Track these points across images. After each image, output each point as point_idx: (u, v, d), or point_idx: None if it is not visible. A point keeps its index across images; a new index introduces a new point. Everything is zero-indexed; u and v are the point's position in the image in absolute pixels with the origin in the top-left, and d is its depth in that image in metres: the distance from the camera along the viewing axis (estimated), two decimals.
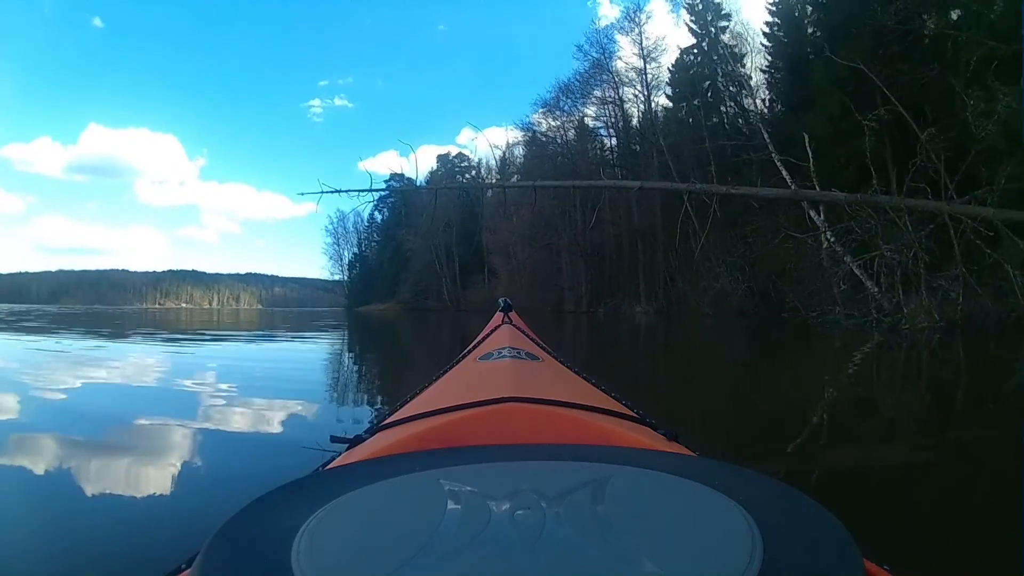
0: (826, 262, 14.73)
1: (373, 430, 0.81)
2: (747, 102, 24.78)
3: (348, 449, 0.76)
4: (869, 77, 12.21)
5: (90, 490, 1.64)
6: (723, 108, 26.43)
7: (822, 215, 14.43)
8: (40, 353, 6.05)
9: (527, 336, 1.56)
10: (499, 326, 1.66)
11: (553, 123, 31.99)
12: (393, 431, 0.75)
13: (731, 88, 26.44)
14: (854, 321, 11.52)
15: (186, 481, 1.73)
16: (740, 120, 25.25)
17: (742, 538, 0.37)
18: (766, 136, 16.42)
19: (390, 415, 0.90)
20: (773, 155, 15.83)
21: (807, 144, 12.57)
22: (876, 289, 11.68)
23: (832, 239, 14.12)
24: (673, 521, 0.41)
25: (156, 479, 1.75)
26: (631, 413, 0.88)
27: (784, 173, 15.11)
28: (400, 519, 0.42)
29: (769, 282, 18.78)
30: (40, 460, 1.92)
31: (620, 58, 29.44)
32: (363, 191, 4.72)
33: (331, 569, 0.36)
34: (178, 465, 1.88)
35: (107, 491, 1.63)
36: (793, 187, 11.46)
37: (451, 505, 0.42)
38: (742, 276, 19.97)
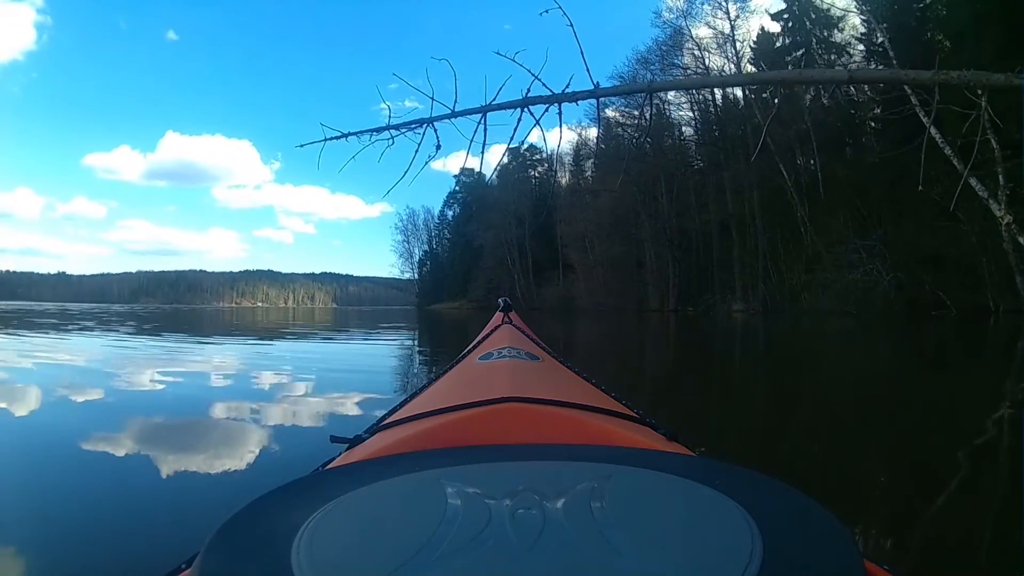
0: (1008, 246, 11.82)
1: (373, 430, 0.82)
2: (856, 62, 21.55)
3: (348, 449, 0.77)
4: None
5: (88, 489, 1.68)
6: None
7: (1002, 178, 11.30)
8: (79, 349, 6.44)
9: (527, 336, 1.57)
10: (499, 326, 1.66)
11: (626, 112, 29.37)
12: (393, 431, 0.76)
13: (830, 56, 23.44)
14: None
15: (186, 480, 1.77)
16: (839, 91, 22.19)
17: (742, 538, 0.38)
18: (908, 88, 13.38)
19: (390, 415, 0.91)
20: (918, 106, 12.70)
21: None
22: None
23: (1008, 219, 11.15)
24: (673, 521, 0.42)
25: (155, 478, 1.79)
26: (631, 413, 0.88)
27: (933, 131, 12.10)
28: (400, 519, 0.44)
29: (919, 272, 15.60)
30: (39, 456, 2.03)
31: (705, 23, 26.80)
32: (379, 130, 3.04)
33: (331, 569, 0.36)
34: (178, 465, 1.93)
35: (106, 490, 1.67)
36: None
37: (451, 505, 0.43)
38: (883, 265, 16.67)
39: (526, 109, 2.53)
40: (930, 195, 14.75)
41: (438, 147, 2.62)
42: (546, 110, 2.55)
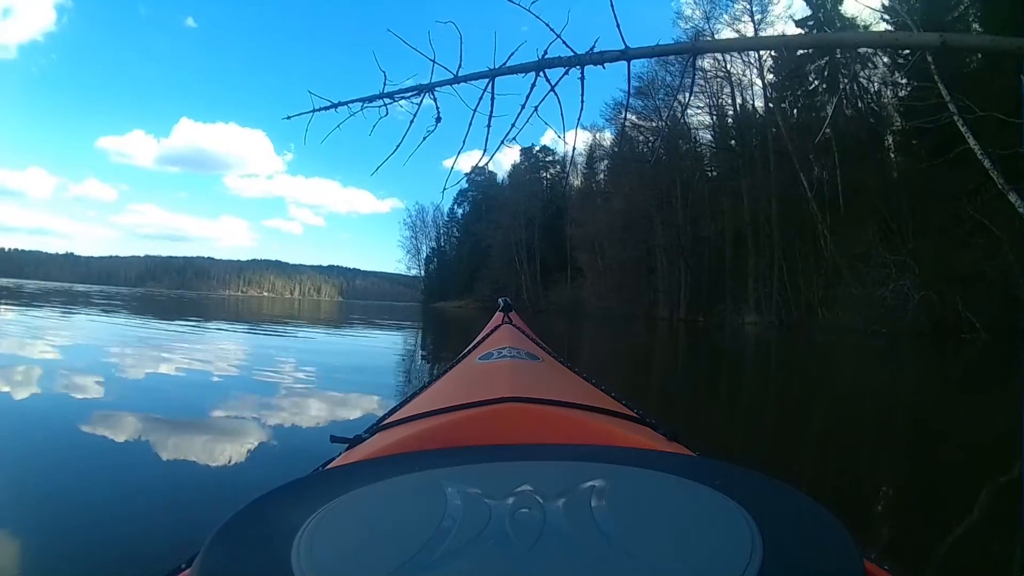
0: None
1: (373, 430, 0.82)
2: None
3: (348, 449, 0.77)
4: None
5: (89, 488, 1.66)
6: (842, 88, 22.91)
7: None
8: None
9: (527, 336, 1.56)
10: (499, 326, 1.66)
11: (643, 115, 28.52)
12: (393, 431, 0.76)
13: (854, 65, 22.96)
14: None
15: (186, 480, 1.76)
16: (860, 101, 21.58)
17: (742, 538, 0.38)
18: (946, 92, 12.48)
19: (390, 415, 0.90)
20: (957, 115, 11.78)
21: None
22: None
23: None
24: (673, 521, 0.42)
25: (154, 479, 1.78)
26: (631, 413, 0.88)
27: (972, 141, 11.30)
28: (400, 519, 0.44)
29: (950, 292, 14.76)
30: (38, 456, 1.99)
31: (728, 25, 26.13)
32: (372, 98, 2.47)
33: (331, 569, 0.37)
34: (179, 465, 1.92)
35: (106, 489, 1.66)
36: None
37: (451, 505, 0.43)
38: (912, 283, 15.81)
39: (541, 73, 2.16)
40: (966, 210, 14.06)
41: (438, 119, 2.32)
42: (565, 73, 2.16)
